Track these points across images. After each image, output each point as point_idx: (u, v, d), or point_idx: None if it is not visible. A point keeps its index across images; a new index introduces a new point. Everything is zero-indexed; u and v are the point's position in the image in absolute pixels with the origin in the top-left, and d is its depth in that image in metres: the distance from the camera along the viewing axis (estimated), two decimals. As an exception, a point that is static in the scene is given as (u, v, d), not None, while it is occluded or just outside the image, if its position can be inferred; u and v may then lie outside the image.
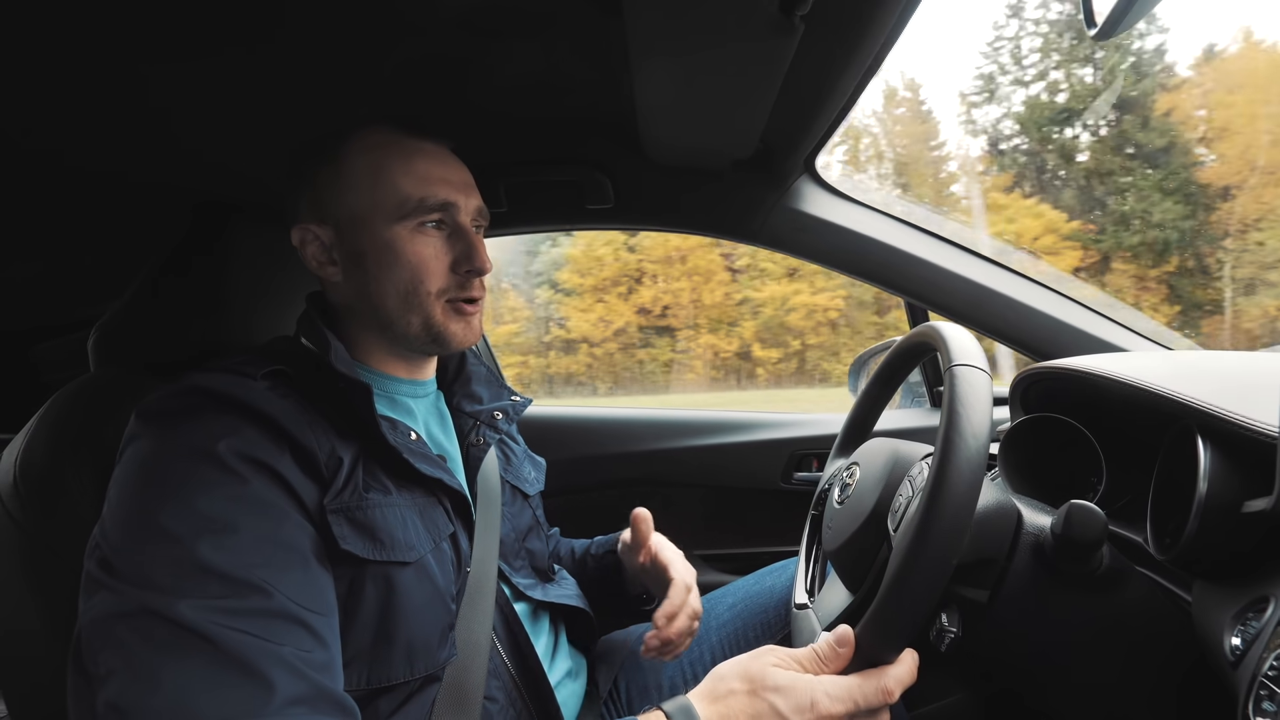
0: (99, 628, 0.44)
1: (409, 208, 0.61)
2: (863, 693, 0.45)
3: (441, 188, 0.62)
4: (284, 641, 0.44)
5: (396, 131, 0.64)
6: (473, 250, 0.63)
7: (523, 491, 0.76)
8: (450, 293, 0.63)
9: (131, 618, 0.43)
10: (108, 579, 0.45)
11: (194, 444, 0.49)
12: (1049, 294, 1.04)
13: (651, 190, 1.04)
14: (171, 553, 0.45)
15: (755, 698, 0.46)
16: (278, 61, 0.67)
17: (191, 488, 0.47)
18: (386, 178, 0.61)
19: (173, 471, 0.48)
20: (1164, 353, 0.96)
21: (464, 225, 0.64)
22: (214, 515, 0.46)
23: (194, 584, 0.44)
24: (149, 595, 0.43)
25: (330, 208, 0.62)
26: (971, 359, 0.52)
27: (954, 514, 0.44)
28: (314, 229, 0.63)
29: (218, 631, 0.42)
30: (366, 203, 0.61)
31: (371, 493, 0.55)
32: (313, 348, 0.61)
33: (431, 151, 0.64)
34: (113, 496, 0.49)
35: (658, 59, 0.66)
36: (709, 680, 0.49)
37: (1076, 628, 0.55)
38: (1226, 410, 0.51)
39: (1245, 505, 0.48)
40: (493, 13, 0.64)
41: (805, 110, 0.81)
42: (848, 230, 1.02)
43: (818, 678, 0.46)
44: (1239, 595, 0.48)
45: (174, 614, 0.42)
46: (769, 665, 0.47)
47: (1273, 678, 0.39)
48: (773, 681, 0.46)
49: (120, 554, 0.45)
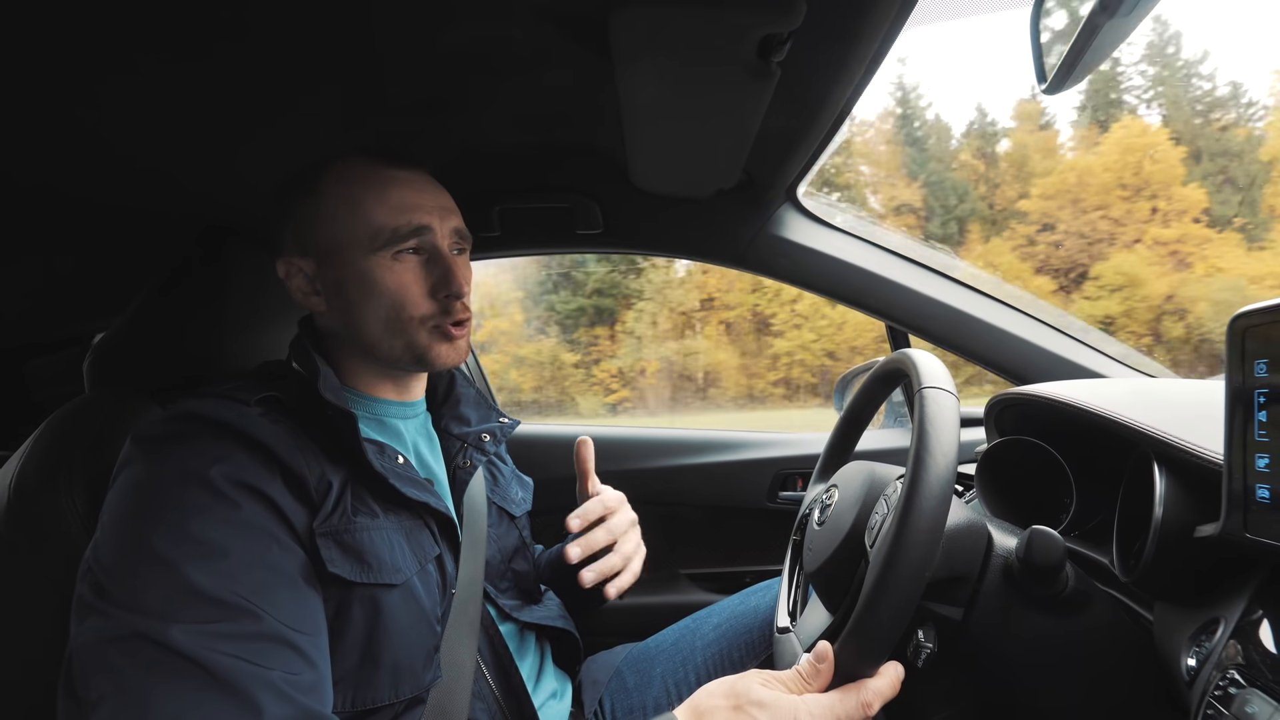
0: (90, 652, 0.44)
1: (383, 238, 0.61)
2: (843, 707, 0.47)
3: (415, 214, 0.63)
4: (273, 665, 0.45)
5: (373, 161, 0.64)
6: (450, 274, 0.63)
7: (509, 513, 0.77)
8: (434, 319, 0.64)
9: (122, 642, 0.44)
10: (99, 603, 0.46)
11: (187, 469, 0.50)
12: (1026, 319, 1.07)
13: (639, 216, 1.07)
14: (163, 577, 0.46)
15: (740, 713, 0.47)
16: (274, 93, 0.69)
17: (184, 512, 0.48)
18: (361, 209, 0.62)
19: (166, 496, 0.49)
20: (1129, 380, 1.00)
21: (440, 249, 0.64)
22: (206, 539, 0.47)
23: (185, 608, 0.45)
24: (140, 619, 0.44)
25: (311, 240, 0.63)
26: (939, 382, 0.54)
27: (926, 527, 0.47)
28: (297, 261, 0.64)
29: (208, 656, 0.43)
30: (344, 234, 0.62)
31: (359, 516, 0.56)
32: (303, 373, 0.62)
33: (407, 179, 0.64)
34: (105, 520, 0.50)
35: (643, 97, 0.69)
36: (696, 696, 0.50)
37: (1044, 647, 0.57)
38: (1178, 439, 0.53)
39: (1197, 530, 0.50)
40: (487, 50, 0.67)
41: (786, 144, 0.84)
42: (830, 257, 1.05)
43: (801, 696, 0.48)
44: (1195, 617, 0.50)
45: (165, 638, 0.43)
46: (754, 684, 0.49)
47: (1219, 698, 0.41)
48: (757, 697, 0.47)
49: (112, 578, 0.46)
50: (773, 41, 0.57)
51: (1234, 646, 0.43)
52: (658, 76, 0.64)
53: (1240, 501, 0.44)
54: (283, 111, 0.72)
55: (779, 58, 0.59)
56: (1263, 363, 0.43)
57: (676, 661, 0.83)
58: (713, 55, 0.59)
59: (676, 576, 1.30)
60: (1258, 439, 0.43)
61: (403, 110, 0.77)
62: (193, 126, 0.72)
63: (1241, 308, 0.45)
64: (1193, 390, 0.70)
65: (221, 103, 0.68)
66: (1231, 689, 0.40)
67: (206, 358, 0.71)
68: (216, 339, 0.71)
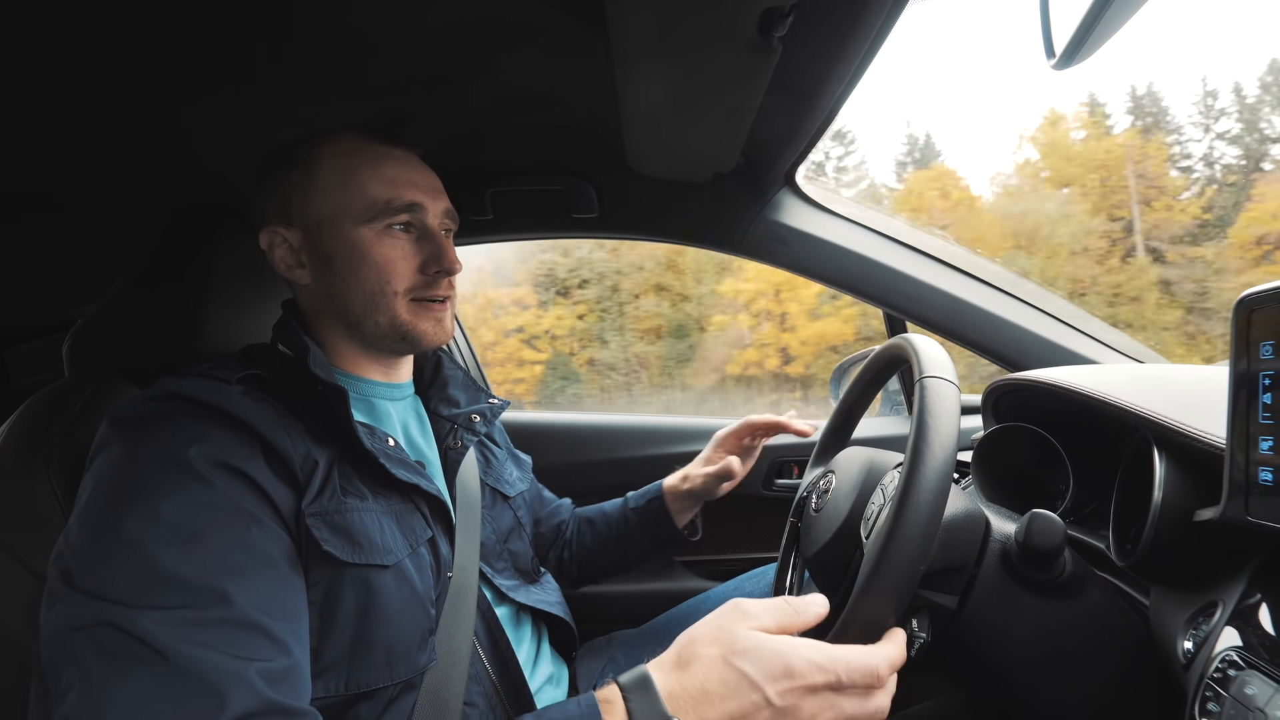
0: (57, 640, 0.43)
1: (376, 209, 0.62)
2: (848, 666, 0.42)
3: (409, 190, 0.63)
4: (243, 652, 0.44)
5: (366, 138, 0.65)
6: (441, 251, 0.64)
7: (503, 493, 0.76)
8: (416, 291, 0.64)
9: (89, 630, 0.42)
10: (67, 590, 0.44)
11: (164, 450, 0.49)
12: (1023, 307, 1.07)
13: (636, 200, 1.06)
14: (133, 561, 0.44)
15: (727, 666, 0.42)
16: (267, 70, 0.67)
17: (158, 494, 0.47)
18: (355, 181, 0.62)
19: (140, 478, 0.48)
20: (1127, 366, 1.00)
21: (432, 227, 0.65)
22: (179, 522, 0.46)
23: (154, 594, 0.44)
24: (107, 608, 0.43)
25: (298, 210, 0.63)
26: (942, 372, 0.53)
27: (923, 520, 0.46)
28: (282, 231, 0.63)
29: (174, 646, 0.42)
30: (335, 205, 0.62)
31: (349, 498, 0.55)
32: (290, 353, 0.61)
33: (400, 157, 0.65)
34: (80, 503, 0.49)
35: (641, 76, 0.67)
36: (678, 644, 0.45)
37: (1041, 632, 0.57)
38: (1179, 422, 0.53)
39: (1196, 514, 0.50)
40: (480, 26, 0.65)
41: (785, 125, 0.83)
42: (827, 242, 1.04)
43: (797, 641, 0.43)
44: (1192, 600, 0.50)
45: (131, 627, 0.42)
46: (743, 629, 0.44)
47: (1217, 679, 0.41)
48: (743, 645, 0.42)
49: (83, 563, 0.45)
50: (774, 15, 0.56)
51: (1232, 629, 0.43)
52: (656, 54, 0.63)
53: (1242, 485, 0.44)
54: (264, 92, 0.70)
55: (780, 32, 0.57)
56: (1268, 345, 0.42)
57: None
58: (713, 30, 0.58)
59: (671, 564, 1.30)
60: (1261, 422, 0.43)
61: (390, 90, 0.75)
62: (170, 107, 0.70)
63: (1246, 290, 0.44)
64: (1191, 375, 0.70)
65: (199, 81, 0.66)
66: (1230, 671, 0.40)
67: (185, 340, 0.70)
68: (195, 321, 0.70)
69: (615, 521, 0.91)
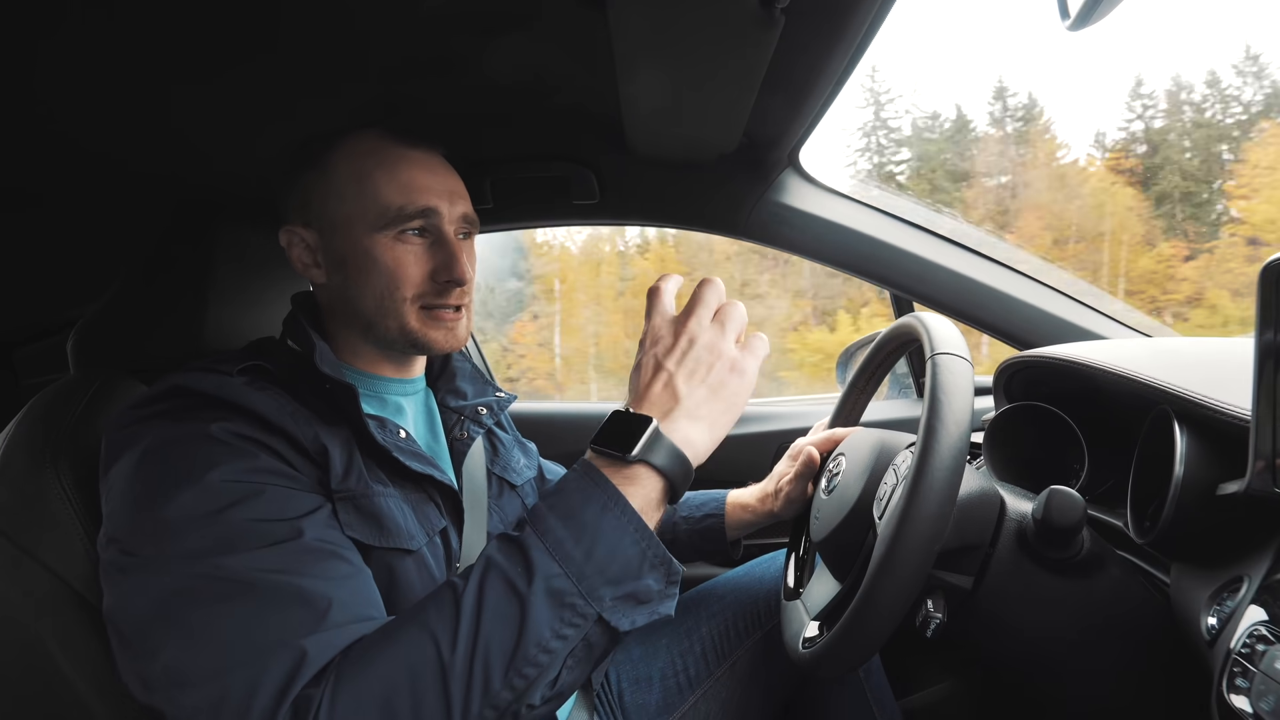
0: (135, 608, 0.45)
1: (389, 216, 0.61)
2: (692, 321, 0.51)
3: (423, 195, 0.62)
4: (325, 573, 0.46)
5: (385, 138, 0.64)
6: (452, 259, 0.63)
7: (510, 482, 0.76)
8: (426, 298, 0.63)
9: (171, 588, 0.44)
10: (134, 561, 0.46)
11: (192, 430, 0.50)
12: (1031, 283, 1.05)
13: (637, 185, 1.04)
14: (201, 523, 0.46)
15: (664, 376, 0.50)
16: (264, 58, 0.66)
17: (204, 464, 0.48)
18: (370, 185, 0.61)
19: (182, 454, 0.49)
20: (1142, 340, 0.98)
21: (446, 233, 0.63)
22: (231, 484, 0.48)
23: (228, 543, 0.45)
24: (185, 564, 0.45)
25: (316, 212, 0.63)
26: (953, 348, 0.52)
27: (937, 500, 0.45)
28: (300, 231, 0.63)
29: (262, 577, 0.44)
30: (350, 209, 0.61)
31: (375, 483, 0.56)
32: (298, 349, 0.61)
33: (418, 159, 0.64)
34: (121, 490, 0.49)
35: (641, 53, 0.66)
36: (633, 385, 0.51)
37: (1059, 611, 0.56)
38: (1202, 395, 0.52)
39: (1220, 488, 0.49)
40: (476, 9, 0.63)
41: (788, 103, 0.81)
42: (832, 223, 1.02)
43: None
44: (1215, 576, 0.49)
45: (215, 573, 0.44)
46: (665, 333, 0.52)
47: (1245, 654, 0.40)
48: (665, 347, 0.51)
49: (146, 535, 0.46)
50: (776, -15, 0.54)
51: (1257, 605, 0.42)
52: (656, 29, 0.61)
53: (1269, 456, 0.42)
54: (257, 81, 0.69)
55: (783, 3, 0.55)
56: (1296, 312, 0.41)
57: (681, 632, 0.83)
58: (714, 2, 0.56)
59: None
60: (1289, 391, 0.41)
61: (386, 76, 0.74)
62: (165, 101, 0.69)
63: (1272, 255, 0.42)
64: (1207, 348, 0.68)
65: (192, 73, 0.65)
66: (1260, 646, 0.39)
67: (187, 335, 0.69)
68: (196, 316, 0.70)
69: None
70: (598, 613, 0.43)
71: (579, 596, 0.43)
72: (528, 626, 0.42)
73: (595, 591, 0.43)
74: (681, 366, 0.49)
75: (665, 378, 0.49)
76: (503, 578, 0.43)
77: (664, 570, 0.46)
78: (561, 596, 0.43)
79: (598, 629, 0.44)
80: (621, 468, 0.47)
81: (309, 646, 0.42)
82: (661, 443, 0.47)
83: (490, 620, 0.42)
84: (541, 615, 0.42)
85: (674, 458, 0.47)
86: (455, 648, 0.41)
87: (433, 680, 0.40)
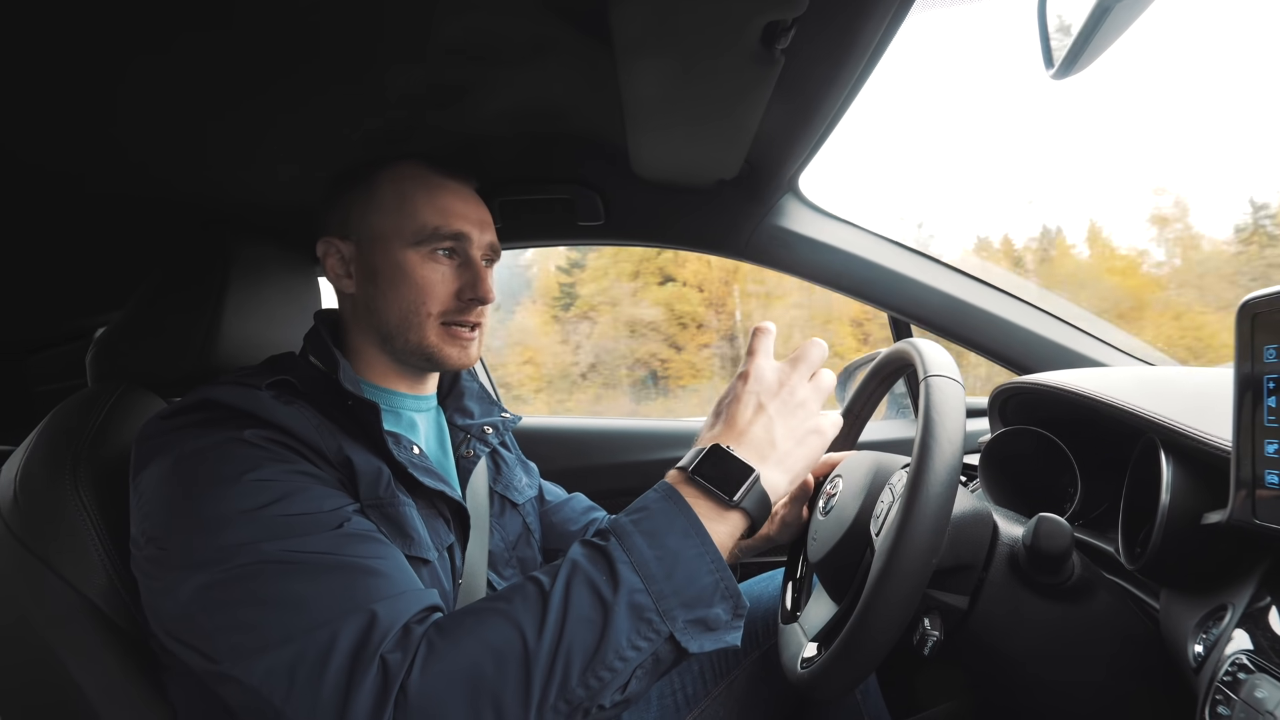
0: (194, 606, 0.46)
1: (425, 234, 0.66)
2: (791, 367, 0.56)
3: (458, 220, 0.67)
4: (371, 552, 0.49)
5: (427, 168, 0.70)
6: (478, 280, 0.68)
7: (511, 500, 0.77)
8: (449, 315, 0.67)
9: (226, 577, 0.46)
10: (177, 556, 0.48)
11: (225, 436, 0.52)
12: (1028, 309, 1.07)
13: (641, 208, 1.06)
14: (246, 519, 0.48)
15: (760, 411, 0.54)
16: (278, 86, 0.68)
17: (242, 465, 0.50)
18: (411, 206, 0.66)
19: (220, 456, 0.51)
20: (1134, 369, 0.99)
21: (474, 258, 0.69)
22: (272, 479, 0.50)
23: (280, 532, 0.47)
24: (236, 554, 0.46)
25: (355, 225, 0.68)
26: (945, 371, 0.54)
27: (933, 512, 0.47)
28: (337, 242, 0.68)
29: (311, 557, 0.47)
30: (389, 225, 0.66)
31: (399, 493, 0.58)
32: (320, 366, 0.64)
33: (456, 188, 0.70)
34: (157, 492, 0.51)
35: (645, 87, 0.68)
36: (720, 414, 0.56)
37: (1050, 636, 0.57)
38: (1186, 425, 0.53)
39: (1204, 517, 0.50)
40: (485, 41, 0.66)
41: (789, 133, 0.83)
42: (832, 247, 1.05)
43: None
44: (1201, 604, 0.50)
45: (270, 558, 0.46)
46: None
47: (1227, 683, 0.41)
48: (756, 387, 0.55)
49: (190, 530, 0.48)
50: (776, 29, 0.57)
51: (1242, 632, 0.43)
52: (660, 66, 0.64)
53: (1249, 487, 0.44)
54: (280, 105, 0.72)
55: (783, 45, 0.58)
56: (1272, 348, 0.43)
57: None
58: (716, 43, 0.59)
59: None
60: (1267, 424, 0.43)
61: (402, 102, 0.76)
62: (194, 119, 0.72)
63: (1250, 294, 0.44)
64: (1198, 378, 0.70)
65: (220, 95, 0.68)
66: (1240, 674, 0.40)
67: (203, 350, 0.71)
68: (212, 331, 0.71)
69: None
70: (670, 631, 0.45)
71: (655, 613, 0.45)
72: (609, 633, 0.44)
73: (671, 611, 0.46)
74: (780, 414, 0.53)
75: (765, 421, 0.53)
76: (588, 583, 0.46)
77: (733, 603, 0.48)
78: (641, 611, 0.45)
79: (668, 646, 0.46)
80: (715, 504, 0.50)
81: (379, 610, 0.44)
82: (756, 490, 0.51)
83: (575, 621, 0.44)
84: (622, 625, 0.44)
85: (762, 504, 0.51)
86: (541, 640, 0.43)
87: (516, 666, 0.43)
